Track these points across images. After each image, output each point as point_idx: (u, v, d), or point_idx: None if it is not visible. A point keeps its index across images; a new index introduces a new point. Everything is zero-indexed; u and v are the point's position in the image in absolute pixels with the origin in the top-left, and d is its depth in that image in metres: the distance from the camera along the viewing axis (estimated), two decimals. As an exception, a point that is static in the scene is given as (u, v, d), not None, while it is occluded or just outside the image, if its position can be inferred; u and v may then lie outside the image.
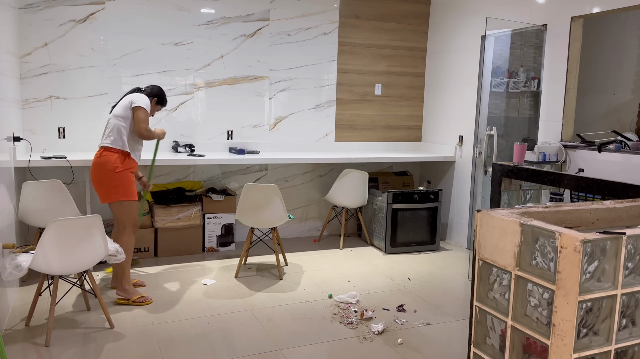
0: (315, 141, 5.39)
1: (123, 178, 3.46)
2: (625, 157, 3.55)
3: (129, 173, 3.50)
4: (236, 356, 2.87)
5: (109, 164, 3.42)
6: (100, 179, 3.46)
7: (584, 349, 1.81)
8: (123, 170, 3.45)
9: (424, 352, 2.98)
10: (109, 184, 3.44)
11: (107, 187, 3.45)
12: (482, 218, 2.12)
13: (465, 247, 5.17)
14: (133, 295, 3.54)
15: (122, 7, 4.51)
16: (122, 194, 3.46)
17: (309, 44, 5.21)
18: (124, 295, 3.53)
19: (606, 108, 4.92)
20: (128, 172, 3.49)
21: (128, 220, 3.53)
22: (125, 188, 3.47)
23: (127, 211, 3.51)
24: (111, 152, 3.45)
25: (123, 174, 3.46)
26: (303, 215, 5.43)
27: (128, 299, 3.52)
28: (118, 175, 3.43)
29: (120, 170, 3.44)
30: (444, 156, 5.33)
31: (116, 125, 3.47)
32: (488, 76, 4.71)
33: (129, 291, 3.55)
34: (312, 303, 3.65)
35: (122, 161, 3.46)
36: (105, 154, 3.45)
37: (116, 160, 3.43)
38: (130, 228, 3.56)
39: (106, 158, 3.43)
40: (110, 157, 3.43)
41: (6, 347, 2.85)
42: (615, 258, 1.84)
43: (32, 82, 4.32)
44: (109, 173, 3.42)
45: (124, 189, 3.46)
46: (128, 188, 3.48)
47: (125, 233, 3.55)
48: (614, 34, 4.84)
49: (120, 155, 3.46)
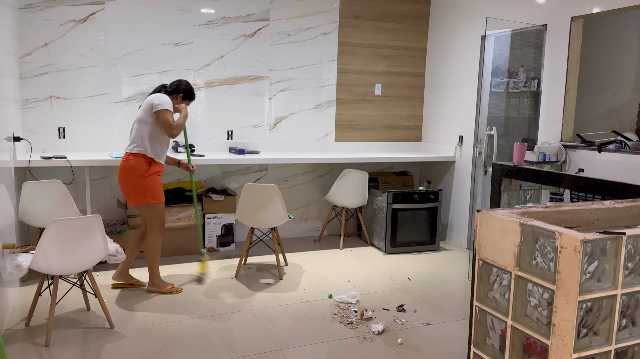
0: (315, 141, 5.39)
1: (151, 182, 3.54)
2: (625, 157, 3.55)
3: (156, 177, 3.58)
4: (236, 356, 2.87)
5: (135, 170, 3.50)
6: (127, 183, 3.54)
7: (584, 349, 1.81)
8: (150, 175, 3.53)
9: (424, 352, 2.98)
10: (137, 189, 3.52)
11: (135, 192, 3.54)
12: (482, 218, 2.12)
13: (465, 247, 5.17)
14: (163, 287, 3.73)
15: (122, 7, 4.51)
16: (150, 197, 3.55)
17: (309, 44, 5.21)
18: (155, 289, 3.73)
19: (606, 108, 4.92)
20: (155, 175, 3.57)
21: (156, 221, 3.63)
22: (153, 191, 3.55)
23: (155, 213, 3.61)
24: (135, 157, 3.52)
25: (150, 178, 3.54)
26: (303, 215, 5.43)
27: (158, 290, 3.73)
28: (145, 180, 3.52)
29: (147, 175, 3.52)
30: (444, 156, 5.33)
31: (138, 131, 3.53)
32: (488, 76, 4.71)
33: (159, 285, 3.73)
34: (312, 303, 3.65)
35: (148, 165, 3.53)
36: (130, 159, 3.52)
37: (142, 165, 3.51)
38: (158, 228, 3.65)
39: (132, 163, 3.51)
40: (136, 162, 3.51)
41: (6, 347, 2.85)
42: (615, 258, 1.84)
43: (32, 82, 4.32)
44: (136, 178, 3.50)
45: (152, 192, 3.55)
46: (155, 191, 3.57)
47: (152, 234, 3.65)
48: (614, 34, 4.84)
49: (145, 159, 3.53)
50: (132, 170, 3.50)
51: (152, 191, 3.55)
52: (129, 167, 3.51)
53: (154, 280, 3.73)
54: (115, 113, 4.61)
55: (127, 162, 3.53)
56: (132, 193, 3.55)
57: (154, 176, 3.56)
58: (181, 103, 3.73)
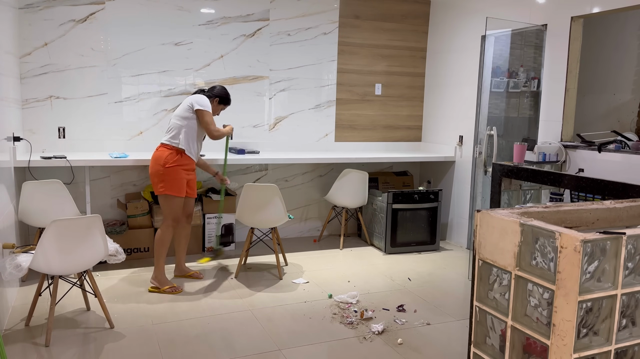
0: (315, 141, 5.39)
1: (171, 174, 3.66)
2: (625, 157, 3.55)
3: (180, 170, 3.69)
4: (236, 356, 2.87)
5: (160, 159, 3.67)
6: (152, 171, 3.73)
7: (584, 349, 1.81)
8: (173, 166, 3.66)
9: (424, 352, 2.98)
10: (158, 177, 3.69)
11: (156, 180, 3.70)
12: (482, 218, 2.12)
13: (465, 247, 5.17)
14: (164, 285, 3.75)
15: (122, 7, 4.51)
16: (168, 188, 3.67)
17: (309, 44, 5.21)
18: (155, 284, 3.76)
19: (606, 108, 4.92)
20: (179, 168, 3.69)
21: (169, 213, 3.74)
22: (171, 184, 3.67)
23: (170, 205, 3.72)
24: (166, 148, 3.70)
25: (172, 169, 3.66)
26: (303, 215, 5.43)
27: (159, 288, 3.74)
28: (167, 170, 3.65)
29: (170, 166, 3.65)
30: (444, 156, 5.33)
31: (176, 125, 3.72)
32: (488, 76, 4.71)
33: (160, 281, 3.76)
34: (312, 303, 3.65)
35: (173, 157, 3.67)
36: (160, 149, 3.73)
37: (168, 156, 3.66)
38: (170, 221, 3.75)
39: (160, 153, 3.70)
40: (163, 152, 3.69)
41: (6, 347, 2.85)
42: (615, 258, 1.84)
43: (32, 82, 4.32)
44: (159, 167, 3.67)
45: (170, 184, 3.67)
46: (174, 184, 3.68)
47: (163, 226, 3.77)
48: (614, 34, 4.84)
49: (174, 152, 3.69)
50: (158, 159, 3.68)
51: (171, 183, 3.67)
52: (157, 156, 3.71)
53: (156, 274, 3.78)
54: (115, 113, 4.61)
55: (157, 152, 3.74)
56: (154, 181, 3.71)
57: (177, 168, 3.67)
58: (218, 107, 3.93)
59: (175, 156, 3.68)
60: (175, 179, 3.67)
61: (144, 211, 4.42)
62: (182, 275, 4.05)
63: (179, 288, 3.78)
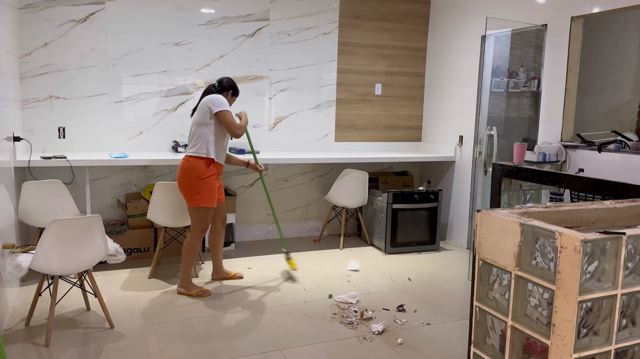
0: (315, 141, 5.39)
1: (206, 185, 3.60)
2: (625, 157, 3.55)
3: (212, 180, 3.63)
4: (236, 356, 2.87)
5: (194, 171, 3.57)
6: (185, 184, 3.62)
7: (584, 349, 1.81)
8: (207, 177, 3.59)
9: (424, 352, 2.98)
10: (192, 190, 3.59)
11: (190, 192, 3.60)
12: (482, 218, 2.12)
13: (465, 247, 5.17)
14: (191, 290, 3.74)
15: (122, 7, 4.51)
16: (202, 201, 3.60)
17: (309, 44, 5.21)
18: (183, 291, 3.74)
19: (606, 108, 4.92)
20: (212, 178, 3.62)
21: (199, 224, 3.68)
22: (206, 195, 3.60)
23: (203, 216, 3.66)
24: (195, 159, 3.59)
25: (207, 181, 3.60)
26: (303, 215, 5.43)
27: (186, 293, 3.74)
28: (202, 182, 3.58)
29: (204, 177, 3.58)
30: (444, 156, 5.33)
31: (199, 134, 3.60)
32: (488, 76, 4.70)
33: (188, 287, 3.74)
34: (312, 303, 3.65)
35: (207, 168, 3.60)
36: (191, 160, 3.60)
37: (201, 167, 3.58)
38: (199, 232, 3.70)
39: (193, 164, 3.59)
40: (196, 163, 3.58)
41: (6, 347, 2.85)
42: (615, 258, 1.84)
43: (32, 82, 4.32)
44: (193, 179, 3.58)
45: (205, 196, 3.60)
46: (209, 195, 3.62)
47: (192, 236, 3.70)
48: (614, 34, 4.84)
49: (205, 162, 3.60)
50: (192, 172, 3.58)
51: (206, 195, 3.60)
52: (189, 168, 3.59)
53: (183, 281, 3.75)
54: (115, 113, 4.61)
55: (188, 163, 3.60)
56: (188, 194, 3.62)
57: (210, 179, 3.61)
58: (231, 100, 3.79)
59: (208, 166, 3.61)
60: (210, 190, 3.62)
61: (144, 211, 4.41)
62: (222, 278, 4.04)
63: (207, 291, 3.74)
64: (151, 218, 4.05)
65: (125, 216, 4.57)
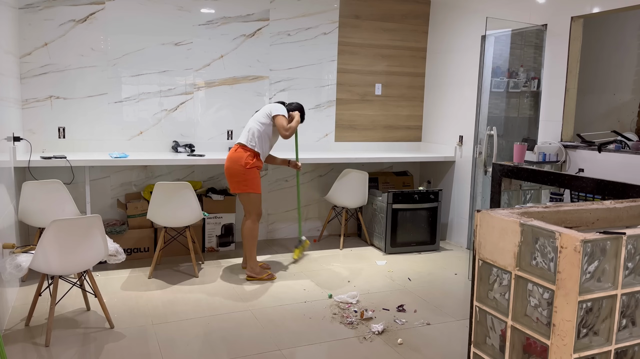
0: (315, 141, 5.39)
1: (252, 174, 3.95)
2: (625, 157, 3.55)
3: (256, 170, 3.99)
4: (236, 356, 2.87)
5: (241, 160, 3.93)
6: (232, 172, 3.97)
7: (584, 349, 1.81)
8: (252, 167, 3.94)
9: (424, 352, 2.98)
10: (240, 177, 3.95)
11: (238, 180, 3.96)
12: (482, 218, 2.12)
13: (465, 247, 5.17)
14: (260, 274, 4.05)
15: (122, 7, 4.51)
16: (250, 187, 3.95)
17: (309, 44, 5.21)
18: (252, 274, 4.04)
19: (606, 108, 4.92)
20: (255, 169, 3.97)
21: (253, 209, 4.02)
22: (252, 182, 3.96)
23: (253, 202, 4.01)
24: (244, 150, 3.97)
25: (252, 171, 3.95)
26: (303, 215, 5.42)
27: (255, 277, 4.03)
28: (248, 170, 3.93)
29: (250, 167, 3.93)
30: (444, 156, 5.33)
31: (254, 128, 4.00)
32: (488, 76, 4.70)
33: (256, 271, 4.05)
34: (312, 303, 3.65)
35: (251, 159, 3.95)
36: (239, 150, 3.98)
37: (247, 157, 3.93)
38: (255, 216, 4.05)
39: (240, 154, 3.96)
40: (242, 153, 3.95)
41: (6, 347, 2.85)
42: (615, 258, 1.84)
43: (32, 82, 4.32)
44: (240, 168, 3.93)
45: (252, 183, 3.96)
46: (254, 182, 3.97)
47: (250, 220, 4.04)
48: (614, 34, 4.84)
49: (252, 153, 3.97)
50: (239, 160, 3.93)
51: (252, 182, 3.95)
52: (237, 157, 3.95)
53: (252, 266, 4.04)
54: (115, 113, 4.61)
55: (236, 153, 3.98)
56: (235, 181, 3.97)
57: (254, 169, 3.96)
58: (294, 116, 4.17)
59: (253, 158, 3.95)
60: (254, 178, 3.96)
61: (144, 211, 4.41)
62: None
63: (273, 275, 4.08)
64: (151, 218, 4.06)
65: (125, 216, 4.57)
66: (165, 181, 4.02)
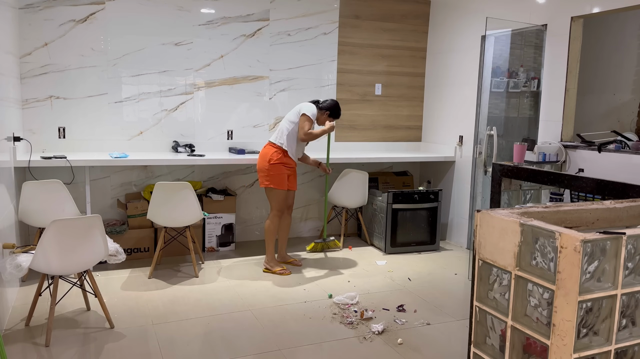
0: (315, 141, 5.38)
1: (275, 170, 4.08)
2: (625, 157, 3.55)
3: (282, 167, 4.10)
4: (236, 356, 2.87)
5: (267, 156, 4.10)
6: (259, 167, 4.16)
7: (584, 349, 1.81)
8: (277, 163, 4.08)
9: (424, 352, 2.98)
10: (264, 172, 4.10)
11: (263, 175, 4.12)
12: (482, 218, 2.12)
13: (465, 247, 5.17)
14: (274, 267, 4.22)
15: (122, 7, 4.51)
16: (272, 182, 4.09)
17: (309, 44, 5.21)
18: (268, 268, 4.23)
19: (606, 108, 4.92)
20: (281, 165, 4.09)
21: (274, 204, 4.16)
22: (274, 178, 4.09)
23: (274, 196, 4.13)
24: (272, 146, 4.13)
25: (276, 166, 4.08)
26: (303, 215, 5.42)
27: (270, 270, 4.22)
28: (272, 166, 4.07)
29: (274, 163, 4.07)
30: (444, 156, 5.33)
31: (284, 127, 4.13)
32: (488, 76, 4.70)
33: (272, 264, 4.23)
34: (312, 303, 3.65)
35: (277, 155, 4.09)
36: (267, 146, 4.17)
37: (273, 154, 4.09)
38: (276, 211, 4.17)
39: (266, 150, 4.15)
40: (269, 150, 4.12)
41: (6, 347, 2.85)
42: (615, 258, 1.84)
43: (32, 82, 4.32)
44: (265, 163, 4.10)
45: (273, 178, 4.08)
46: (277, 178, 4.09)
47: (270, 215, 4.20)
48: (614, 34, 4.84)
49: (279, 151, 4.10)
50: (265, 156, 4.11)
51: (275, 178, 4.08)
52: (264, 153, 4.15)
53: (268, 259, 4.23)
54: (116, 113, 4.61)
55: (265, 149, 4.17)
56: (261, 176, 4.14)
57: (279, 165, 4.08)
58: (327, 119, 4.26)
59: (279, 154, 4.08)
60: (277, 174, 4.07)
61: (144, 211, 4.41)
62: (284, 262, 4.41)
63: (287, 271, 4.20)
64: (151, 218, 4.06)
65: (125, 216, 4.57)
66: (166, 181, 4.02)
